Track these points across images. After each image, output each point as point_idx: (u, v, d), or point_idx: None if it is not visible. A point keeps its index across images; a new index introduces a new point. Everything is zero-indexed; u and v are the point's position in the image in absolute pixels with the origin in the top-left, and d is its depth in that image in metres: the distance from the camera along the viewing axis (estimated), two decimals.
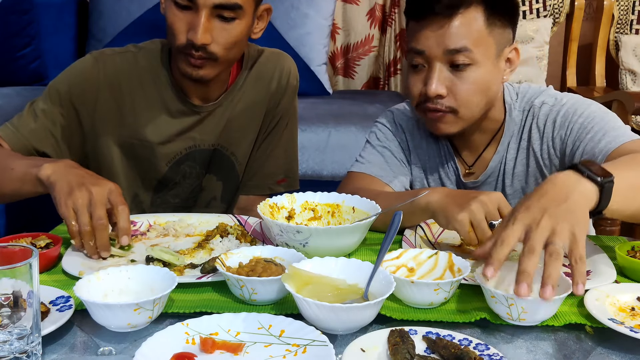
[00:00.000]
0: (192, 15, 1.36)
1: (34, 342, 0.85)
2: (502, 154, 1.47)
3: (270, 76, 1.62)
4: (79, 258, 1.18)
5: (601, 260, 1.18)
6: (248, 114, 1.60)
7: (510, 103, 1.47)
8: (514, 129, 1.47)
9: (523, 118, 1.46)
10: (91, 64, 1.50)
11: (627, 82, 3.28)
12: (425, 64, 1.35)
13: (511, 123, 1.46)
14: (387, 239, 1.09)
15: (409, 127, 1.56)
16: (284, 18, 3.10)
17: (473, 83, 1.34)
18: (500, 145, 1.47)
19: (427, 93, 1.34)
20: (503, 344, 0.94)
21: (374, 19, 3.56)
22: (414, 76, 1.38)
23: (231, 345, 0.89)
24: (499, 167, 1.48)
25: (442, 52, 1.32)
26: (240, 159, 1.63)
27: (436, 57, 1.33)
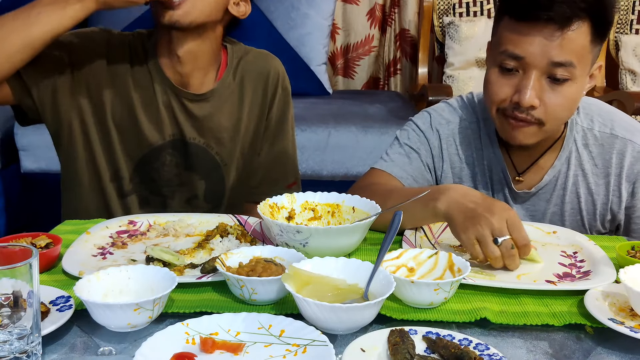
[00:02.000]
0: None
1: (34, 342, 0.85)
2: (558, 169, 1.43)
3: (260, 79, 1.63)
4: (79, 258, 1.18)
5: (601, 260, 1.18)
6: (235, 115, 1.61)
7: (573, 118, 1.42)
8: (572, 146, 1.43)
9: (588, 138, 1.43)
10: (98, 31, 1.55)
11: (627, 82, 3.27)
12: (521, 70, 1.28)
13: (570, 139, 1.43)
14: (387, 239, 1.09)
15: (446, 132, 1.50)
16: (284, 18, 3.10)
17: (567, 98, 1.29)
18: (557, 160, 1.43)
19: (520, 102, 1.27)
20: (503, 344, 0.94)
21: (374, 19, 3.56)
22: (503, 79, 1.31)
23: (231, 345, 0.89)
24: (555, 181, 1.44)
25: (546, 62, 1.25)
26: (226, 159, 1.62)
27: (537, 67, 1.26)
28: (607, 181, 1.43)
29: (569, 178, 1.44)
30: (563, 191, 1.45)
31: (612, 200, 1.43)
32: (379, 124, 2.76)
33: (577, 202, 1.45)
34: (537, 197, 1.46)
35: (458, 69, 3.18)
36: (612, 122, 1.44)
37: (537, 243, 1.31)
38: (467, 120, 1.51)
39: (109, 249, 1.25)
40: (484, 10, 3.25)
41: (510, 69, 1.30)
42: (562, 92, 1.28)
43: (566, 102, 1.30)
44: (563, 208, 1.45)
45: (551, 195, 1.45)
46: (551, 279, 1.14)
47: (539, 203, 1.46)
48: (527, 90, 1.27)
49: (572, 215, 1.46)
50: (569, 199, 1.45)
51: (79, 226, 1.37)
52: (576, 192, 1.45)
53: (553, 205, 1.46)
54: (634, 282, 0.99)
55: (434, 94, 2.86)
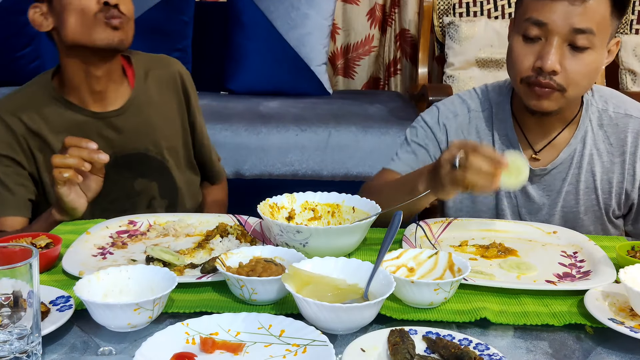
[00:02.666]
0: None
1: (34, 342, 0.85)
2: (574, 147, 1.47)
3: (170, 80, 1.71)
4: (79, 258, 1.18)
5: (601, 260, 1.18)
6: (160, 115, 1.67)
7: (588, 99, 1.48)
8: (588, 126, 1.47)
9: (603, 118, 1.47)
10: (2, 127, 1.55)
11: (627, 82, 3.27)
12: (543, 38, 1.34)
13: (586, 119, 1.47)
14: (387, 239, 1.09)
15: (454, 125, 1.54)
16: (284, 18, 3.10)
17: (587, 66, 1.34)
18: (573, 139, 1.46)
19: (543, 67, 1.32)
20: (503, 344, 0.94)
21: (374, 19, 3.56)
22: (526, 47, 1.36)
23: (231, 345, 0.89)
24: (570, 159, 1.47)
25: (568, 29, 1.31)
26: (168, 156, 1.68)
27: (559, 33, 1.32)
28: (623, 159, 1.46)
29: (585, 157, 1.47)
30: (578, 170, 1.47)
31: (626, 178, 1.47)
32: (379, 124, 2.76)
33: (592, 180, 1.48)
34: (553, 176, 1.48)
35: (458, 69, 3.18)
36: (625, 103, 1.49)
37: (537, 243, 1.31)
38: (476, 109, 1.55)
39: (109, 249, 1.25)
40: (484, 10, 3.25)
41: (532, 38, 1.34)
42: (582, 59, 1.33)
43: (586, 70, 1.34)
44: (578, 187, 1.48)
45: (567, 173, 1.48)
46: (551, 279, 1.14)
47: (554, 182, 1.48)
48: (550, 56, 1.32)
49: (586, 194, 1.48)
50: (584, 178, 1.47)
51: (79, 226, 1.37)
52: (591, 171, 1.47)
53: (568, 184, 1.48)
54: (634, 282, 0.99)
55: (434, 94, 2.86)
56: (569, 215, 1.49)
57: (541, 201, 1.49)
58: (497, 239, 1.31)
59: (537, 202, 1.50)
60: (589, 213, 1.49)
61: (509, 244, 1.28)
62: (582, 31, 1.31)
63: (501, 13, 3.24)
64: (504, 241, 1.30)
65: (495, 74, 3.15)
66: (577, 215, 1.49)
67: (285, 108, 2.90)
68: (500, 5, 3.24)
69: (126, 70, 1.65)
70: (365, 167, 2.69)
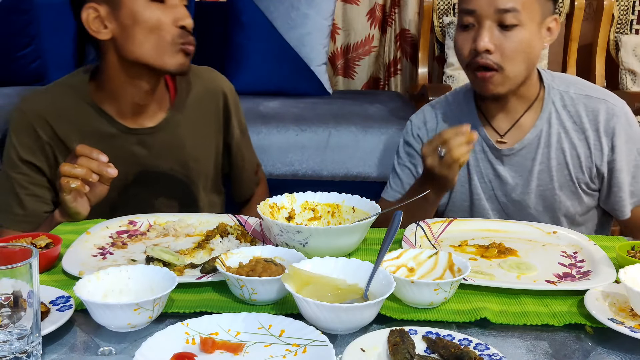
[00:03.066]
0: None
1: (34, 342, 0.85)
2: (540, 128, 1.55)
3: (212, 97, 1.65)
4: (79, 258, 1.18)
5: (601, 260, 1.18)
6: (193, 135, 1.61)
7: (549, 83, 1.56)
8: (552, 107, 1.55)
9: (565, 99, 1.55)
10: (21, 118, 1.52)
11: (627, 82, 3.27)
12: (476, 23, 1.45)
13: (549, 101, 1.55)
14: (387, 239, 1.09)
15: (425, 134, 1.66)
16: (284, 18, 3.10)
17: (518, 42, 1.43)
18: (539, 120, 1.55)
19: (477, 48, 1.43)
20: (503, 344, 0.94)
21: (374, 19, 3.56)
22: (464, 35, 1.48)
23: (231, 345, 0.89)
24: (537, 140, 1.55)
25: (493, 11, 1.42)
26: (194, 177, 1.63)
27: (486, 16, 1.43)
28: (587, 136, 1.54)
29: (552, 136, 1.55)
30: (547, 149, 1.55)
31: (594, 153, 1.54)
32: (379, 124, 2.76)
33: (562, 157, 1.55)
34: (522, 157, 1.57)
35: (458, 69, 3.17)
36: (585, 86, 1.59)
37: (537, 243, 1.31)
38: (444, 113, 1.66)
39: (109, 249, 1.25)
40: None
41: (467, 25, 1.46)
42: (512, 36, 1.44)
43: (518, 46, 1.44)
44: (550, 164, 1.56)
45: (536, 153, 1.56)
46: (551, 279, 1.14)
47: (525, 162, 1.57)
48: (482, 37, 1.43)
49: (559, 170, 1.56)
50: (555, 155, 1.55)
51: (79, 226, 1.37)
52: (561, 149, 1.55)
53: (539, 163, 1.56)
54: (634, 282, 0.99)
55: (434, 94, 2.85)
56: (545, 193, 1.57)
57: (514, 181, 1.57)
58: (497, 239, 1.31)
59: (510, 183, 1.58)
60: (564, 189, 1.56)
61: (509, 244, 1.28)
62: (506, 10, 1.41)
63: None
64: (504, 241, 1.30)
65: None
66: (553, 192, 1.56)
67: (285, 108, 2.90)
68: None
69: (169, 85, 1.60)
70: (365, 167, 2.69)
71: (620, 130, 1.52)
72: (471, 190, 1.61)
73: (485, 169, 1.59)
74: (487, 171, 1.59)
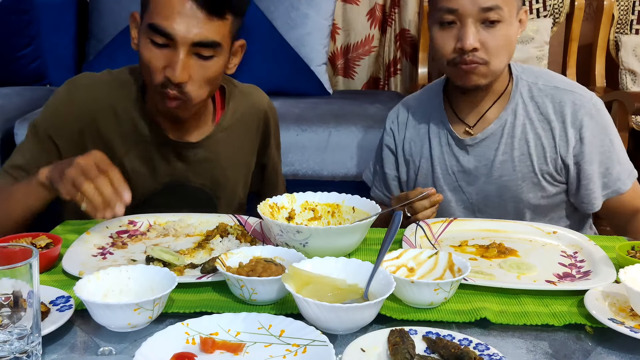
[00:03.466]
0: (170, 53, 1.34)
1: (34, 342, 0.85)
2: (504, 119, 1.55)
3: (254, 118, 1.64)
4: (79, 258, 1.18)
5: (601, 260, 1.18)
6: (231, 155, 1.60)
7: (517, 74, 1.57)
8: (519, 99, 1.55)
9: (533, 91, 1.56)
10: (65, 97, 1.50)
11: (627, 82, 3.27)
12: (458, 21, 1.44)
13: (517, 92, 1.56)
14: (387, 239, 1.09)
15: (396, 127, 1.71)
16: (284, 18, 3.09)
17: (502, 37, 1.44)
18: (504, 111, 1.55)
19: (464, 47, 1.43)
20: (503, 344, 0.94)
21: (374, 19, 3.56)
22: (444, 33, 1.46)
23: (231, 345, 0.89)
24: (501, 130, 1.56)
25: (477, 10, 1.41)
26: (220, 195, 1.62)
27: (470, 15, 1.42)
28: (553, 127, 1.54)
29: (517, 127, 1.55)
30: (511, 139, 1.56)
31: (559, 144, 1.54)
32: (379, 124, 2.75)
33: (526, 147, 1.55)
34: (485, 147, 1.57)
35: None
36: (553, 78, 1.59)
37: (537, 243, 1.31)
38: (414, 105, 1.70)
39: (109, 249, 1.25)
40: None
41: (449, 22, 1.45)
42: (496, 33, 1.44)
43: (503, 41, 1.45)
44: (512, 154, 1.55)
45: (499, 143, 1.56)
46: (551, 279, 1.14)
47: (487, 151, 1.57)
48: (468, 36, 1.42)
49: (521, 161, 1.55)
50: (518, 146, 1.55)
51: (79, 226, 1.37)
52: (525, 139, 1.55)
53: (502, 154, 1.56)
54: (634, 282, 0.99)
55: None
56: (508, 183, 1.57)
57: (477, 171, 1.59)
58: (497, 239, 1.31)
59: (473, 172, 1.59)
60: (526, 180, 1.56)
61: (509, 244, 1.29)
62: (489, 8, 1.42)
63: None
64: (504, 241, 1.30)
65: None
66: (515, 182, 1.56)
67: (285, 108, 2.89)
68: None
69: (216, 103, 1.58)
70: (365, 167, 2.69)
71: (588, 122, 1.52)
72: (434, 183, 1.63)
73: (450, 161, 1.60)
74: (451, 163, 1.60)
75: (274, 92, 3.15)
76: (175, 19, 1.31)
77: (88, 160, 1.22)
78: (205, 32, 1.33)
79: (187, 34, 1.32)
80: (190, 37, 1.32)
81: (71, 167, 1.22)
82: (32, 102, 2.79)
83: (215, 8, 1.33)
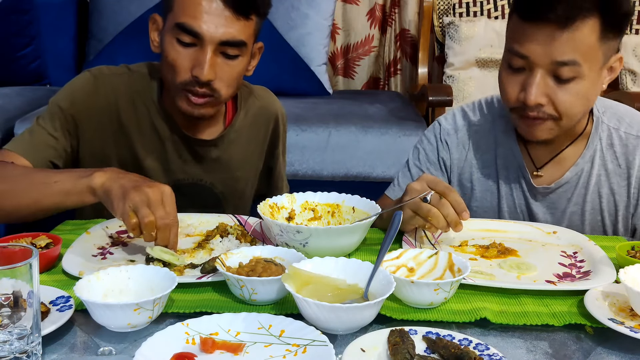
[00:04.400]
0: (197, 52, 1.36)
1: (34, 342, 0.85)
2: (581, 167, 1.42)
3: (266, 121, 1.65)
4: (79, 258, 1.18)
5: (601, 260, 1.18)
6: (241, 156, 1.61)
7: (598, 116, 1.42)
8: (597, 145, 1.42)
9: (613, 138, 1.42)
10: (92, 82, 1.50)
11: (627, 82, 3.27)
12: (527, 68, 1.28)
13: (596, 137, 1.42)
14: (387, 239, 1.09)
15: (455, 141, 1.52)
16: (284, 18, 3.10)
17: (575, 95, 1.27)
18: (581, 158, 1.42)
19: (525, 101, 1.28)
20: (503, 344, 0.94)
21: (374, 19, 3.56)
22: (512, 77, 1.32)
23: (231, 345, 0.89)
24: (577, 179, 1.43)
25: (549, 62, 1.25)
26: (228, 196, 1.63)
27: (541, 65, 1.26)
28: (629, 183, 1.42)
29: (592, 177, 1.42)
30: (585, 190, 1.43)
31: (632, 203, 1.42)
32: (379, 124, 2.76)
33: (598, 202, 1.44)
34: (558, 195, 1.44)
35: (458, 69, 3.17)
36: (638, 124, 1.43)
37: (537, 243, 1.31)
38: (478, 123, 1.52)
39: (109, 249, 1.25)
40: (484, 10, 3.25)
41: (517, 68, 1.30)
42: (569, 89, 1.27)
43: (576, 99, 1.28)
44: (584, 207, 1.44)
45: (572, 193, 1.44)
46: (551, 279, 1.14)
47: (560, 201, 1.45)
48: (532, 89, 1.27)
49: (592, 214, 1.45)
50: (590, 199, 1.43)
51: (79, 226, 1.37)
52: (598, 192, 1.43)
53: (573, 205, 1.44)
54: (634, 282, 0.99)
55: (434, 94, 2.86)
56: None
57: (544, 219, 1.46)
58: (497, 239, 1.31)
59: (541, 219, 1.46)
60: (594, 232, 1.45)
61: (509, 244, 1.28)
62: (564, 63, 1.24)
63: (501, 13, 3.24)
64: (504, 241, 1.30)
65: (495, 74, 3.11)
66: (580, 232, 1.41)
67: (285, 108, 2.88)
68: (500, 5, 3.24)
69: (227, 103, 1.59)
70: (365, 167, 2.69)
71: None
72: (500, 216, 1.49)
73: (518, 199, 1.47)
74: (519, 201, 1.47)
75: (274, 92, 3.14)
76: (203, 17, 1.33)
77: (157, 192, 1.17)
78: (233, 31, 1.35)
79: (215, 33, 1.34)
80: (217, 36, 1.34)
81: (136, 192, 1.16)
82: (32, 102, 2.79)
83: (242, 8, 1.36)
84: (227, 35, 1.35)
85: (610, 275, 1.10)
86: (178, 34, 1.36)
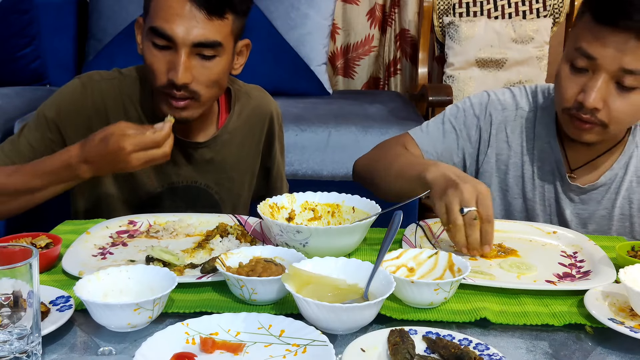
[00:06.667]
0: (172, 55, 1.35)
1: (34, 342, 0.85)
2: (616, 172, 1.43)
3: (260, 121, 1.64)
4: (79, 258, 1.18)
5: (601, 260, 1.18)
6: (235, 157, 1.61)
7: (637, 124, 1.42)
8: (634, 152, 1.43)
9: None
10: (79, 90, 1.50)
11: None
12: (590, 70, 1.27)
13: (632, 143, 1.43)
14: (387, 239, 1.09)
15: (499, 118, 1.50)
16: (284, 18, 3.09)
17: (633, 106, 1.27)
18: (616, 163, 1.43)
19: (584, 102, 1.27)
20: (503, 344, 0.94)
21: (374, 19, 3.56)
22: (573, 77, 1.30)
23: (231, 345, 0.89)
24: (610, 183, 1.44)
25: (617, 68, 1.24)
26: (225, 197, 1.62)
27: (607, 70, 1.25)
28: None
29: (624, 183, 1.43)
30: (615, 195, 1.44)
31: None
32: (379, 124, 2.76)
33: (628, 208, 1.44)
34: (589, 197, 1.45)
35: (458, 69, 3.18)
36: None
37: (537, 243, 1.31)
38: (523, 109, 1.50)
39: (109, 249, 1.25)
40: (484, 10, 3.25)
41: (580, 69, 1.29)
42: (628, 99, 1.27)
43: (631, 110, 1.28)
44: (612, 212, 1.45)
45: (603, 197, 1.44)
46: (551, 279, 1.14)
47: (590, 203, 1.45)
48: (593, 92, 1.26)
49: (620, 220, 1.45)
50: (620, 204, 1.44)
51: (79, 226, 1.37)
52: (629, 198, 1.44)
53: (603, 208, 1.45)
54: (634, 282, 0.99)
55: (434, 94, 2.86)
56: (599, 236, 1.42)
57: (571, 217, 1.46)
58: (497, 239, 1.31)
59: (568, 218, 1.46)
60: (620, 237, 1.43)
61: (509, 244, 1.29)
62: (631, 72, 1.23)
63: (501, 13, 3.24)
64: (504, 241, 1.30)
65: (495, 74, 3.15)
66: (606, 235, 1.44)
67: (285, 108, 2.89)
68: (500, 5, 3.24)
69: (221, 105, 1.58)
70: None
71: None
72: (527, 205, 1.49)
73: (549, 192, 1.47)
74: (549, 195, 1.47)
75: (274, 92, 3.13)
76: (175, 20, 1.32)
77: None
78: (206, 32, 1.34)
79: (187, 36, 1.33)
80: (190, 38, 1.33)
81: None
82: (32, 102, 2.79)
83: (215, 8, 1.34)
84: (200, 37, 1.33)
85: (610, 275, 1.10)
86: (153, 38, 1.35)
